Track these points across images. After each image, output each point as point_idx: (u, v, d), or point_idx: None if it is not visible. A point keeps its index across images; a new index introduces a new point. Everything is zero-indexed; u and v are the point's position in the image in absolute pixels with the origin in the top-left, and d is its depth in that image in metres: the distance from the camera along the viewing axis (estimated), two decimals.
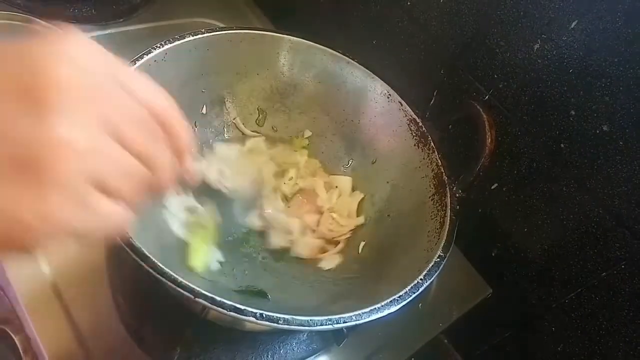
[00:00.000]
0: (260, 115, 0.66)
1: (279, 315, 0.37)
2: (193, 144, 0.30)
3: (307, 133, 0.67)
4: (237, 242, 0.57)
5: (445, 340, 0.71)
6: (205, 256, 0.53)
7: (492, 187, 0.62)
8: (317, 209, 0.62)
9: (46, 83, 0.21)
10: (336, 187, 0.64)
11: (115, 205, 0.24)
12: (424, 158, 0.56)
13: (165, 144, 0.27)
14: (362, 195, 0.63)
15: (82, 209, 0.22)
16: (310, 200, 0.62)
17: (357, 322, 0.39)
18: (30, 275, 0.53)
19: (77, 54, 0.22)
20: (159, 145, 0.27)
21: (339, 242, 0.60)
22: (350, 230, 0.60)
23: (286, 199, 0.63)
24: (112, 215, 0.24)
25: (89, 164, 0.22)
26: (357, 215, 0.62)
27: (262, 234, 0.59)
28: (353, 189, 0.64)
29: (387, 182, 0.61)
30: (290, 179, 0.63)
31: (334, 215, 0.61)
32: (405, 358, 0.58)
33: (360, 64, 0.61)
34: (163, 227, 0.51)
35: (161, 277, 0.37)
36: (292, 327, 0.37)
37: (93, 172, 0.22)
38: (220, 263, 0.54)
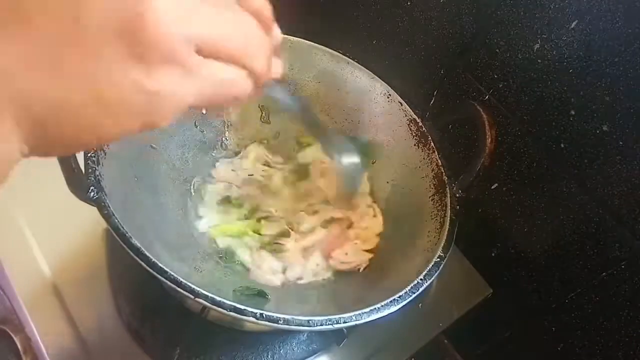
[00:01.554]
0: (264, 113, 0.66)
1: (279, 315, 0.37)
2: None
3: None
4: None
5: (445, 340, 0.71)
6: (228, 234, 0.55)
7: (492, 187, 0.62)
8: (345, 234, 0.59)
9: None
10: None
11: (228, 70, 0.23)
12: (424, 158, 0.56)
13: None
14: (371, 199, 0.61)
15: (190, 75, 0.21)
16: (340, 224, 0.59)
17: (357, 322, 0.39)
18: (30, 275, 0.53)
19: None
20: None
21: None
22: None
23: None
24: (225, 80, 0.23)
25: (190, 27, 0.21)
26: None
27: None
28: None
29: (387, 182, 0.61)
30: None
31: (357, 242, 0.57)
32: (405, 358, 0.58)
33: (360, 64, 0.61)
34: (164, 224, 0.51)
35: (161, 277, 0.37)
36: (292, 327, 0.37)
37: (195, 36, 0.21)
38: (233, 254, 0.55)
